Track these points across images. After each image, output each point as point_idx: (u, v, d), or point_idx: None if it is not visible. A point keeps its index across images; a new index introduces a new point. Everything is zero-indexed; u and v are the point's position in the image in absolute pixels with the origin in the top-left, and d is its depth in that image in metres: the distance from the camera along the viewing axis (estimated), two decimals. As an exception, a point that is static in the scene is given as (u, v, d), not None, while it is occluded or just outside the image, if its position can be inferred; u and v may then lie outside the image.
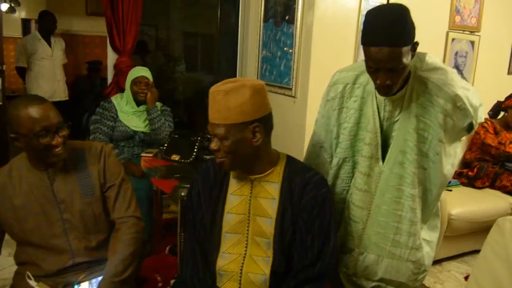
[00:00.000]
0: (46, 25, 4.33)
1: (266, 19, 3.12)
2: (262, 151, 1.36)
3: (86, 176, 1.51)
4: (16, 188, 1.46)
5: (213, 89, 1.30)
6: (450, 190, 2.97)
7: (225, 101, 1.27)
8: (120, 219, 1.53)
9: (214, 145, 1.33)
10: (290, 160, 1.43)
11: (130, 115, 2.76)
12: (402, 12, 1.26)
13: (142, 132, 2.78)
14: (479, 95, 1.46)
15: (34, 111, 1.35)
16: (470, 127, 1.44)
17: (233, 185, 1.42)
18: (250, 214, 1.40)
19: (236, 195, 1.41)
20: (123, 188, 1.56)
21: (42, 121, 1.35)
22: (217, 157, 1.35)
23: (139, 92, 2.73)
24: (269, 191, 1.39)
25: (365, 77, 1.48)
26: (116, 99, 2.80)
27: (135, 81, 2.74)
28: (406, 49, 1.26)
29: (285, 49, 2.91)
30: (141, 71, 2.78)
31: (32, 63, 4.27)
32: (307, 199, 1.35)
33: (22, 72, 4.34)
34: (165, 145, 2.65)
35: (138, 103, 2.79)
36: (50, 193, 1.47)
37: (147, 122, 2.78)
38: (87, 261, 1.50)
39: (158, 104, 2.84)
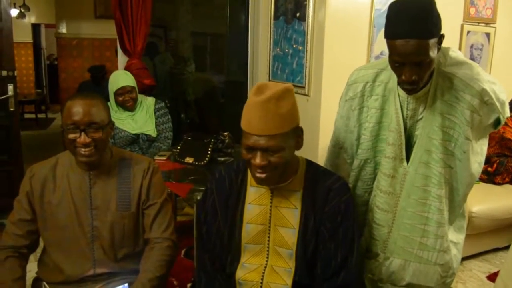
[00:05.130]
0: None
1: (276, 17, 3.08)
2: (292, 158, 1.28)
3: (127, 188, 1.47)
4: (56, 183, 1.45)
5: (257, 98, 1.16)
6: (470, 187, 2.90)
7: (276, 108, 1.16)
8: (156, 239, 1.47)
9: (261, 160, 1.18)
10: (310, 164, 1.37)
11: (124, 119, 2.73)
12: (429, 3, 1.22)
13: (144, 134, 2.75)
14: (504, 89, 1.40)
15: (73, 104, 1.34)
16: (497, 122, 1.38)
17: (251, 194, 1.35)
18: (270, 224, 1.34)
19: (255, 205, 1.34)
20: (164, 209, 1.50)
21: (73, 115, 1.33)
22: (260, 173, 1.21)
23: (125, 102, 2.70)
24: (291, 201, 1.32)
25: (386, 75, 1.44)
26: None
27: (117, 93, 2.68)
28: (433, 41, 1.21)
29: (294, 46, 2.86)
30: (121, 81, 2.69)
31: None
32: (330, 207, 1.30)
33: None
34: (178, 147, 2.62)
35: (128, 109, 2.76)
36: (87, 196, 1.44)
37: (144, 122, 2.76)
38: (108, 272, 1.47)
39: (151, 100, 2.82)
